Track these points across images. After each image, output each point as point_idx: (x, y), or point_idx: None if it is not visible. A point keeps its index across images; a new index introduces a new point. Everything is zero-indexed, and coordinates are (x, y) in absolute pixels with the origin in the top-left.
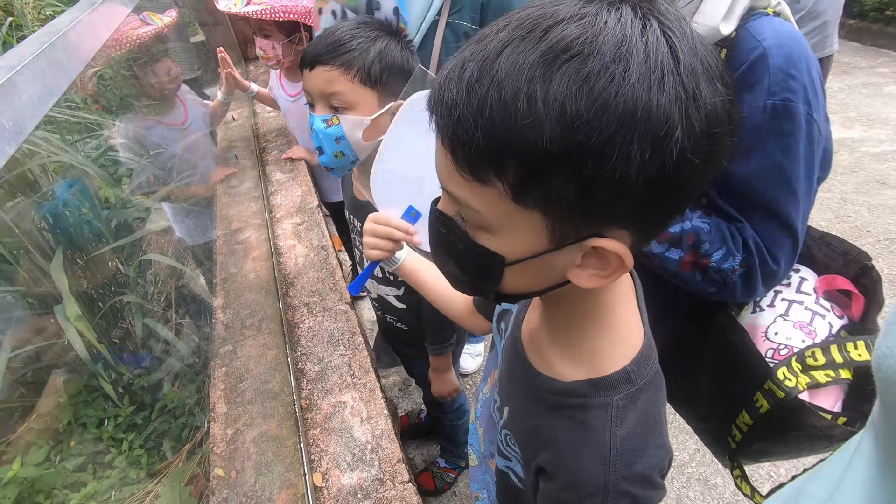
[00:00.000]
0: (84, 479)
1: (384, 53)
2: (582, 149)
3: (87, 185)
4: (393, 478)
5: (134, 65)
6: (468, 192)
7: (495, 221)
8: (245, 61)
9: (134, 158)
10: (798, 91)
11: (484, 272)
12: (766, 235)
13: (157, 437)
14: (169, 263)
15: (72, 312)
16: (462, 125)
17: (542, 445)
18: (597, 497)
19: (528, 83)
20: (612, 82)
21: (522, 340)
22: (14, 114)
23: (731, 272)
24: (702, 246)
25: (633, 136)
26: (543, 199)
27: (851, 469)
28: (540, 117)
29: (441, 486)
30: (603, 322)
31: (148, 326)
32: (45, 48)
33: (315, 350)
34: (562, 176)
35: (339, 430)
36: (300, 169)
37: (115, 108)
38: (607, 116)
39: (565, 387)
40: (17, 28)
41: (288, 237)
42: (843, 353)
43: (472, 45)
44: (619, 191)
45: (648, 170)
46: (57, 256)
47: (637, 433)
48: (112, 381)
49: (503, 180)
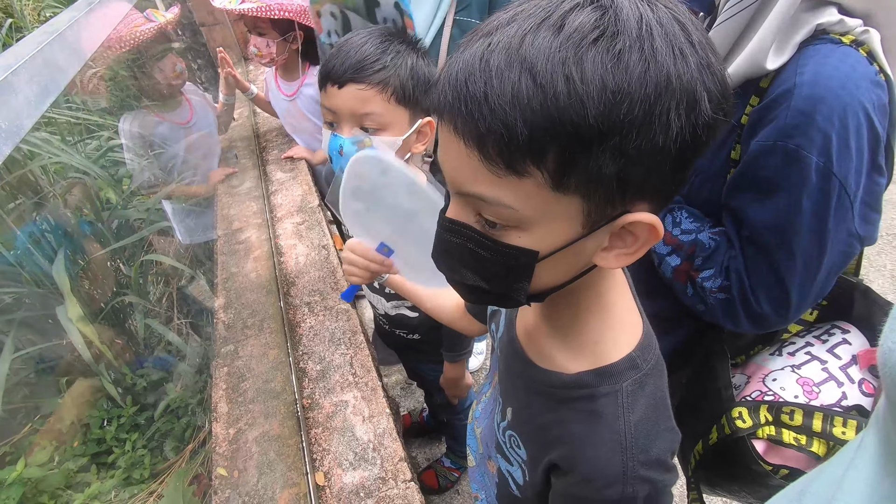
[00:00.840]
0: (87, 479)
1: (416, 69)
2: (626, 122)
3: (86, 187)
4: (395, 476)
5: (136, 63)
6: (501, 189)
7: (530, 215)
8: (245, 61)
9: (134, 158)
10: (814, 139)
11: (514, 274)
12: (755, 275)
13: (159, 438)
14: (170, 264)
15: (74, 314)
16: (497, 116)
17: (554, 442)
18: (615, 486)
19: (563, 65)
20: (644, 56)
21: (519, 338)
22: (10, 114)
23: (710, 293)
24: (696, 259)
25: (670, 104)
26: (585, 181)
27: (854, 467)
28: (581, 97)
29: (444, 485)
30: (603, 312)
31: (150, 327)
32: (42, 48)
33: (316, 349)
34: (607, 153)
35: (341, 429)
36: (300, 168)
37: (115, 109)
38: (646, 88)
39: (571, 379)
40: (16, 30)
41: (289, 236)
42: (826, 425)
43: (478, 39)
44: (659, 161)
45: (683, 136)
46: (59, 258)
47: (648, 417)
48: (114, 382)
49: (542, 169)
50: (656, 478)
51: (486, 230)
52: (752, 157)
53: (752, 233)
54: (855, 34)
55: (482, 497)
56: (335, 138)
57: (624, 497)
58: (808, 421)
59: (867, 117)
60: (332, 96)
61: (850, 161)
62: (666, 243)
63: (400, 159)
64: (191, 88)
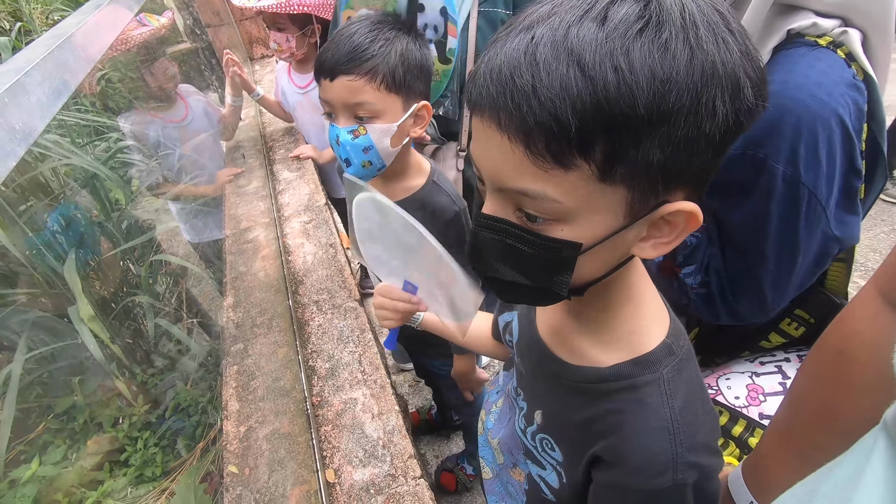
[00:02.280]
0: (101, 477)
1: (405, 55)
2: (675, 110)
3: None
4: (405, 473)
5: (131, 66)
6: (546, 183)
7: (574, 207)
8: (251, 61)
9: (135, 155)
10: (781, 149)
11: (556, 267)
12: (732, 274)
13: (171, 436)
14: (179, 264)
15: (85, 313)
16: (546, 109)
17: (596, 436)
18: (665, 474)
19: (611, 56)
20: (690, 45)
21: (545, 340)
22: (23, 116)
23: (691, 288)
24: (678, 256)
25: (716, 92)
26: (632, 171)
27: (871, 469)
28: (631, 87)
29: (461, 490)
30: (634, 303)
31: (160, 326)
32: (53, 50)
33: (325, 347)
34: (654, 142)
35: (350, 426)
36: (307, 167)
37: (123, 111)
38: (693, 76)
39: (609, 372)
40: (26, 33)
41: (296, 235)
42: (745, 433)
43: (518, 33)
44: (703, 147)
45: (728, 122)
46: (70, 258)
47: (691, 402)
48: (126, 380)
49: (590, 161)
50: (704, 463)
51: (527, 224)
52: (724, 163)
53: (729, 234)
54: (832, 35)
55: None
56: (332, 128)
57: (675, 484)
58: (730, 424)
59: (840, 124)
60: (325, 89)
61: (819, 169)
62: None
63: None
64: (189, 89)
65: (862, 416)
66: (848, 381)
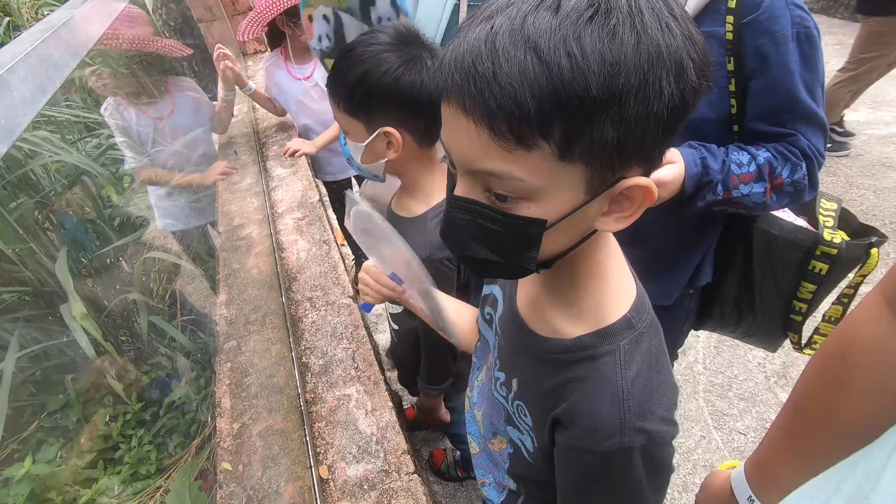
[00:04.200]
0: (95, 475)
1: (363, 81)
2: (624, 91)
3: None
4: (399, 469)
5: (119, 60)
6: (511, 163)
7: (538, 185)
8: (244, 56)
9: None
10: (811, 20)
11: (524, 243)
12: (812, 138)
13: (165, 433)
14: (172, 261)
15: (77, 311)
16: (507, 94)
17: (560, 400)
18: (613, 437)
19: (564, 43)
20: (636, 31)
21: (521, 313)
22: (6, 112)
23: (801, 180)
24: (775, 170)
25: (662, 73)
26: (589, 149)
27: (892, 465)
28: (583, 70)
29: (445, 471)
30: (600, 278)
31: (153, 323)
32: (37, 45)
33: (319, 344)
34: (607, 121)
35: (344, 422)
36: (300, 164)
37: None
38: (640, 59)
39: (572, 343)
40: (14, 28)
41: (290, 232)
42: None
43: (479, 23)
44: (653, 125)
45: (674, 101)
46: (61, 256)
47: (644, 373)
48: (118, 378)
49: (549, 141)
50: (652, 428)
51: (496, 204)
52: (739, 57)
53: (790, 105)
54: None
55: (490, 481)
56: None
57: (622, 447)
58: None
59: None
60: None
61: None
62: (744, 182)
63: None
64: (183, 84)
65: (862, 420)
66: (849, 384)
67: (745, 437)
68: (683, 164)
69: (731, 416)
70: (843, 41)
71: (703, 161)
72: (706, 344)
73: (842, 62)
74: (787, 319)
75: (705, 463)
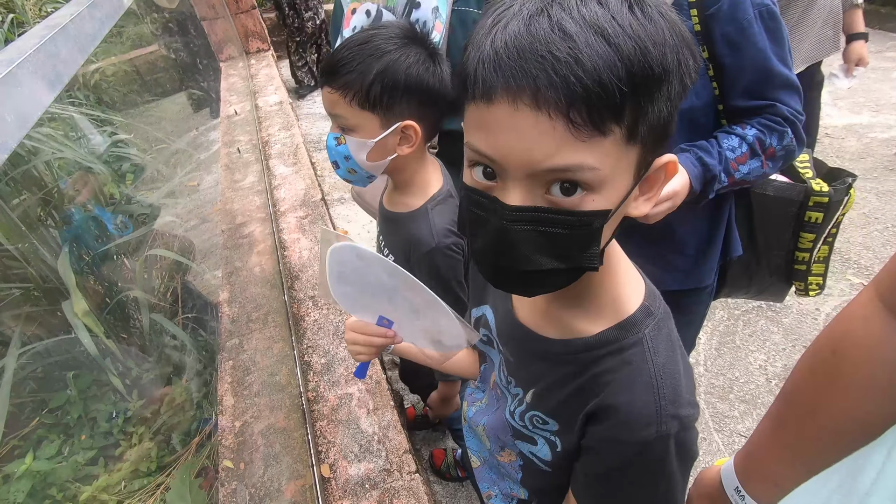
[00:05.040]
0: (95, 472)
1: (387, 72)
2: (672, 68)
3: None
4: (400, 468)
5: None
6: (586, 153)
7: (607, 173)
8: (246, 55)
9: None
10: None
11: (588, 240)
12: (790, 101)
13: (166, 431)
14: (175, 258)
15: (79, 308)
16: (592, 76)
17: (589, 397)
18: (651, 426)
19: (623, 28)
20: (663, 16)
21: (525, 323)
22: (15, 108)
23: (790, 143)
24: (765, 143)
25: (686, 52)
26: (648, 129)
27: (891, 460)
28: (644, 51)
29: (445, 471)
30: (612, 272)
31: (155, 321)
32: (45, 42)
33: (321, 342)
34: (662, 98)
35: (345, 421)
36: (303, 163)
37: (110, 102)
38: (675, 40)
39: (595, 339)
40: (18, 25)
41: (292, 231)
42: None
43: (524, 17)
44: (679, 103)
45: (694, 78)
46: (64, 253)
47: (671, 358)
48: (120, 375)
49: (621, 123)
50: (683, 414)
51: (560, 204)
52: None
53: (768, 77)
54: None
55: (496, 493)
56: (329, 134)
57: (659, 435)
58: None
59: None
60: (322, 96)
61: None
62: (742, 163)
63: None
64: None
65: (850, 414)
66: (838, 379)
67: (745, 440)
68: (684, 170)
69: (731, 419)
70: None
71: (699, 161)
72: (707, 345)
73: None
74: (791, 271)
75: (706, 465)
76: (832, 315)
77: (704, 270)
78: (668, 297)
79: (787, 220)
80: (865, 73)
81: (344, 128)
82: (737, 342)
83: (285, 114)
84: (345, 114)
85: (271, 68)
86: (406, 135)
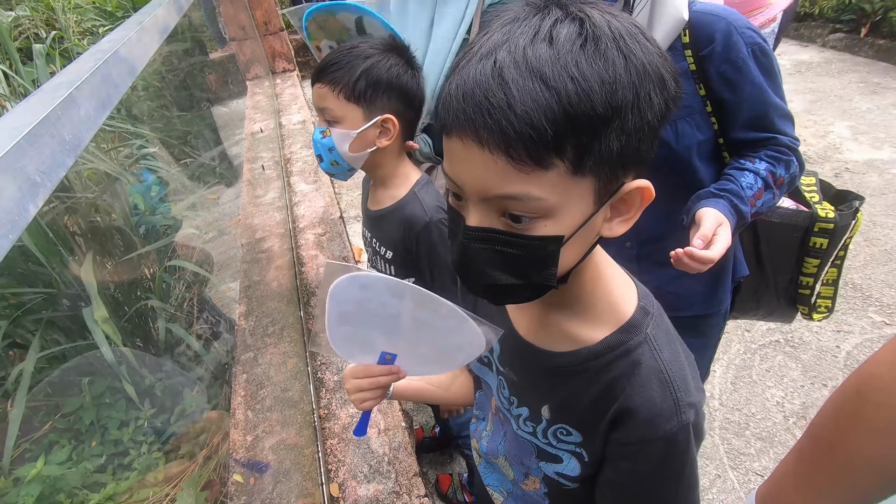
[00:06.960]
0: (104, 479)
1: (370, 71)
2: (623, 105)
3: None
4: (410, 491)
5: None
6: (529, 184)
7: (556, 202)
8: (272, 74)
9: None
10: (758, 34)
11: (544, 261)
12: (788, 130)
13: (175, 441)
14: (193, 270)
15: (100, 315)
16: (523, 120)
17: (608, 404)
18: (672, 419)
19: (566, 69)
20: (622, 52)
21: (528, 340)
22: (73, 128)
23: (795, 171)
24: (775, 174)
25: (649, 86)
26: (597, 162)
27: None
28: (587, 92)
29: (451, 496)
30: (604, 280)
31: (171, 331)
32: (100, 65)
33: (334, 360)
34: (612, 134)
35: (356, 440)
36: (323, 181)
37: (139, 116)
38: (631, 76)
39: (601, 346)
40: (59, 41)
41: (310, 247)
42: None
43: (478, 60)
44: (646, 133)
45: (661, 110)
46: (87, 260)
47: (673, 350)
48: (134, 384)
49: (564, 158)
50: (696, 400)
51: (513, 228)
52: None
53: (766, 113)
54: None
55: None
56: (316, 128)
57: (680, 426)
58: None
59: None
60: (312, 93)
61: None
62: (758, 199)
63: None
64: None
65: (866, 455)
66: (860, 419)
67: (762, 479)
68: (726, 220)
69: (747, 456)
70: (867, 79)
71: (735, 209)
72: (722, 379)
73: (864, 99)
74: (796, 294)
75: (720, 501)
76: (853, 353)
77: (721, 293)
78: (687, 321)
79: (791, 246)
80: (887, 109)
81: (330, 120)
82: (753, 377)
83: (308, 132)
84: (332, 106)
85: (296, 88)
86: (385, 128)
